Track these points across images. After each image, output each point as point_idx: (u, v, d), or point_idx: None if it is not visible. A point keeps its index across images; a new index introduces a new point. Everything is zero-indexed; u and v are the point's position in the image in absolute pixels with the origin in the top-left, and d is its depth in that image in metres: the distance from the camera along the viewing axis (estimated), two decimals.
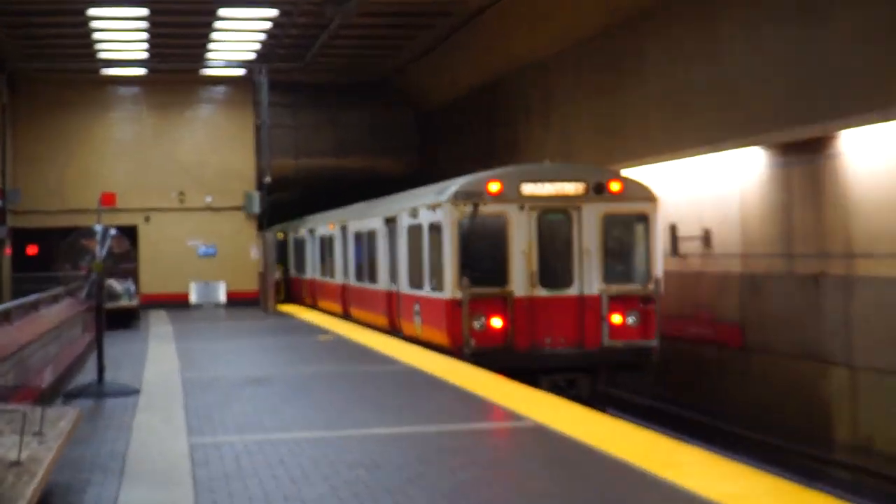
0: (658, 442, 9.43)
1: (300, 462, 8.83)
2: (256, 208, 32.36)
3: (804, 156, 15.23)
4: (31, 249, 32.35)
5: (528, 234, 16.52)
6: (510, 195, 16.62)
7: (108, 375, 14.30)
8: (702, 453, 8.87)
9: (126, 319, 24.90)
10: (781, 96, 15.08)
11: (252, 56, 30.48)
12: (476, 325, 16.29)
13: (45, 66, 30.46)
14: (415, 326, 18.82)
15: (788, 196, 15.55)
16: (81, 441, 9.86)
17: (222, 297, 32.90)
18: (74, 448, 9.44)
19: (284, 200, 36.69)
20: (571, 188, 16.74)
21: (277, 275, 31.43)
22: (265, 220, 30.80)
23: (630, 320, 16.46)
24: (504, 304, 16.33)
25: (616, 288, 16.45)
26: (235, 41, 29.10)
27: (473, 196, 16.63)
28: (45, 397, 11.69)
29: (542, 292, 16.53)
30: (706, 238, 17.03)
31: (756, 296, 16.04)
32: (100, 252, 13.70)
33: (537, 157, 23.79)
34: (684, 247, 17.69)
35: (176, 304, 32.16)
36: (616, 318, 16.40)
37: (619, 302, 16.39)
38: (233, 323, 26.08)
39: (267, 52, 29.37)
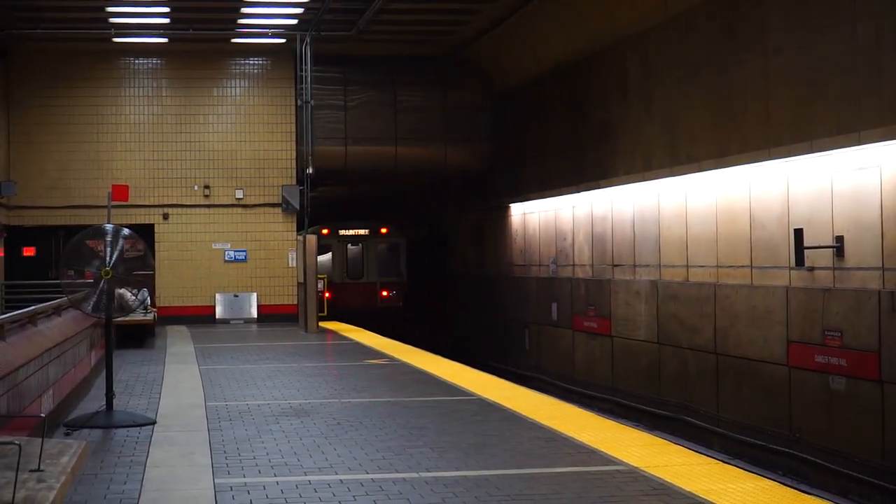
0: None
1: None
2: (296, 205, 32.58)
3: None
4: (28, 252, 32.79)
5: (341, 253, 37.91)
6: (333, 234, 37.71)
7: (119, 403, 14.50)
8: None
9: (140, 336, 25.22)
10: None
11: (293, 22, 30.67)
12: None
13: (46, 32, 30.81)
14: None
15: None
16: (86, 480, 10.03)
17: (253, 311, 33.18)
18: (78, 488, 9.60)
19: (332, 196, 36.92)
20: (363, 231, 38.36)
21: (320, 285, 31.62)
22: (306, 220, 30.95)
23: (391, 294, 37.94)
24: (331, 285, 36.34)
25: (383, 279, 38.00)
26: (274, 4, 29.33)
27: (315, 234, 32.50)
28: (44, 428, 11.85)
29: (347, 280, 37.74)
30: (839, 247, 16.90)
31: None
32: (110, 256, 13.84)
33: (635, 145, 23.74)
34: (812, 257, 17.58)
35: (198, 318, 32.55)
36: (384, 293, 37.92)
37: (385, 286, 38.01)
38: (266, 343, 26.28)
39: (312, 18, 29.50)
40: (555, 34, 28.04)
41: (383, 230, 38.46)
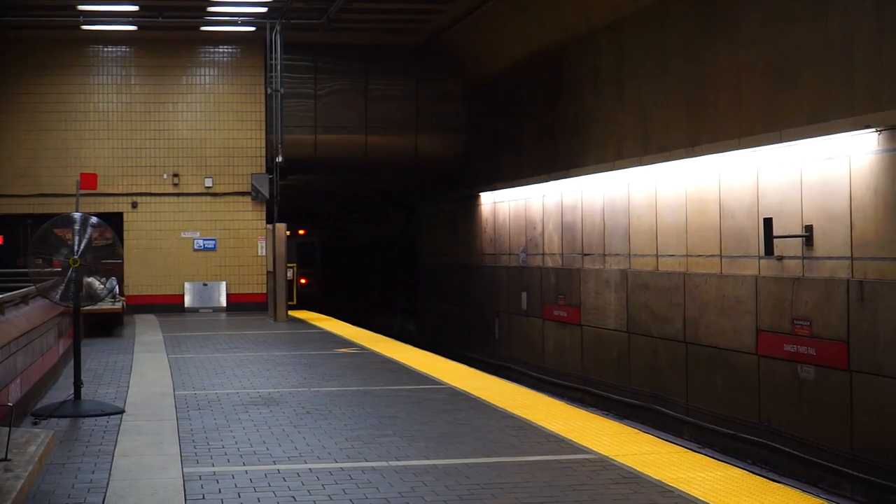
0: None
1: (315, 498, 8.91)
2: (265, 194, 32.53)
3: None
4: None
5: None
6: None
7: (87, 392, 14.45)
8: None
9: (109, 325, 25.14)
10: None
11: (263, 10, 30.59)
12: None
13: (14, 20, 30.67)
14: None
15: None
16: (54, 469, 10.00)
17: (223, 300, 33.12)
18: (46, 477, 9.57)
19: (302, 185, 36.93)
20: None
21: (289, 274, 31.59)
22: (276, 208, 30.90)
23: (308, 281, 47.31)
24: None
25: (303, 270, 45.37)
26: None
27: None
28: (11, 417, 11.81)
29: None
30: (808, 237, 16.96)
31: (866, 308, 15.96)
32: (78, 245, 13.79)
33: (608, 135, 23.79)
34: (781, 247, 17.66)
35: (167, 307, 32.46)
36: (302, 281, 44.61)
37: (303, 275, 45.42)
38: (235, 332, 26.24)
39: (282, 6, 29.43)
40: (529, 23, 28.03)
41: (301, 231, 49.26)
